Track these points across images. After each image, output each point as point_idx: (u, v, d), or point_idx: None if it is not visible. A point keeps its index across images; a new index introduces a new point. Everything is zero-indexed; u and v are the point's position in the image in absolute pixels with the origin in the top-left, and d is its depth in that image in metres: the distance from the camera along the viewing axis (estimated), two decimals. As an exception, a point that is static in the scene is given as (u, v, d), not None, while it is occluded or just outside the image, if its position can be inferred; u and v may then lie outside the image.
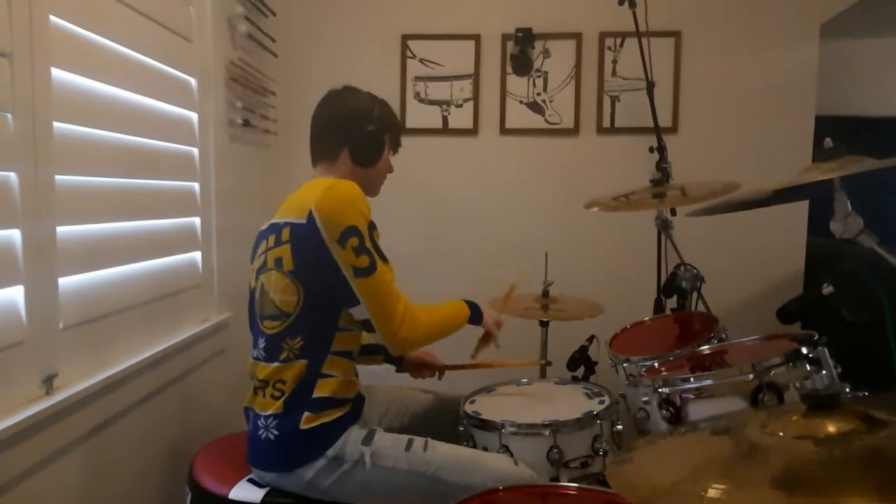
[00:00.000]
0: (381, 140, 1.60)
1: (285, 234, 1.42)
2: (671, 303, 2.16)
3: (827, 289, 1.40)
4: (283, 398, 1.41)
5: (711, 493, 0.72)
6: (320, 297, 1.41)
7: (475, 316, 1.67)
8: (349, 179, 1.51)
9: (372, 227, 1.43)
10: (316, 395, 1.41)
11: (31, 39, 1.19)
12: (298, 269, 1.40)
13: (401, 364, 1.85)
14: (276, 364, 1.42)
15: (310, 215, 1.38)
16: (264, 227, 1.51)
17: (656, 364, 1.60)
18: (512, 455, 1.50)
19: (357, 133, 1.56)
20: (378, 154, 1.60)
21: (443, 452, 1.44)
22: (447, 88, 2.72)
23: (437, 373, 1.84)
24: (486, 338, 1.77)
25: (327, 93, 1.62)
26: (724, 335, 1.67)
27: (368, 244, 1.40)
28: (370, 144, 1.58)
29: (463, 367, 1.83)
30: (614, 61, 2.67)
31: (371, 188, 1.65)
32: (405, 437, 1.46)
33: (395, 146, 1.69)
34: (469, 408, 1.64)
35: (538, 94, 2.70)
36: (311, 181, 1.51)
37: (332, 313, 1.43)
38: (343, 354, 1.46)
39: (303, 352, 1.41)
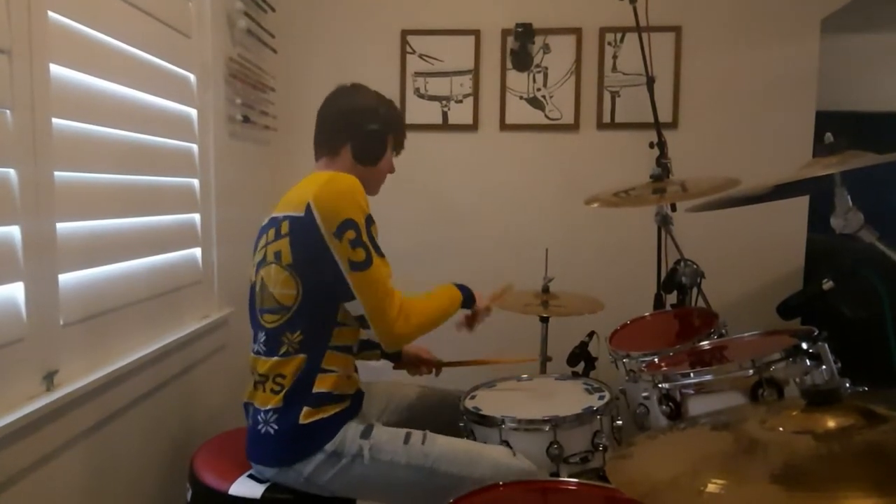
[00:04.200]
0: (383, 140, 1.60)
1: (284, 227, 1.42)
2: (671, 298, 2.16)
3: (827, 284, 1.40)
4: (283, 392, 1.41)
5: (711, 488, 0.72)
6: (319, 291, 1.41)
7: (467, 301, 1.67)
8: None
9: (370, 221, 1.43)
10: (316, 390, 1.42)
11: (29, 35, 1.19)
12: (297, 262, 1.40)
13: (398, 361, 1.85)
14: (275, 358, 1.42)
15: (308, 208, 1.38)
16: (265, 221, 1.51)
17: (656, 359, 1.60)
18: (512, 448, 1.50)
19: (360, 130, 1.56)
20: (380, 153, 1.60)
21: (441, 445, 1.45)
22: (447, 84, 2.71)
23: (434, 370, 1.84)
24: (472, 319, 1.74)
25: (336, 88, 1.62)
26: (724, 331, 1.68)
27: (365, 238, 1.39)
28: (372, 143, 1.58)
29: (460, 363, 1.83)
30: (614, 56, 2.66)
31: (371, 187, 1.65)
32: (403, 431, 1.46)
33: (399, 147, 1.69)
34: (469, 403, 1.64)
35: (538, 90, 2.70)
36: (310, 175, 1.51)
37: (331, 308, 1.43)
38: (342, 349, 1.46)
39: (302, 346, 1.42)
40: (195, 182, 1.92)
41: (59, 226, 1.29)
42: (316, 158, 1.62)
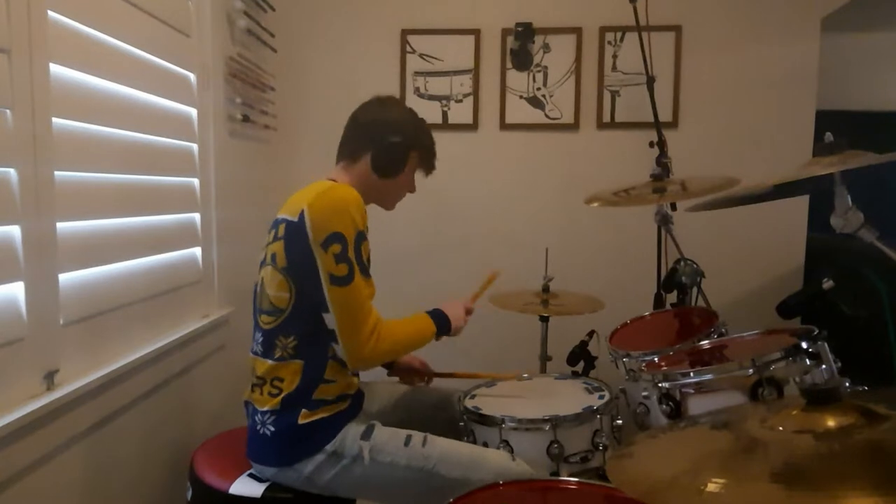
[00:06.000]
0: (404, 155, 1.58)
1: (281, 230, 1.42)
2: (671, 298, 2.16)
3: (827, 283, 1.40)
4: (281, 396, 1.41)
5: (711, 487, 0.72)
6: (309, 297, 1.40)
7: (442, 330, 1.61)
8: (363, 185, 1.53)
9: (361, 237, 1.41)
10: (316, 397, 1.42)
11: (29, 35, 1.19)
12: (290, 266, 1.40)
13: (391, 368, 1.84)
14: (272, 362, 1.43)
15: (301, 214, 1.38)
16: (272, 220, 1.51)
17: (656, 359, 1.60)
18: (512, 450, 1.50)
19: (383, 141, 1.55)
20: (398, 168, 1.59)
21: (442, 448, 1.44)
22: (447, 83, 2.71)
23: (425, 379, 1.83)
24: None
25: (373, 97, 1.62)
26: (723, 330, 1.67)
27: (351, 254, 1.38)
28: (392, 156, 1.57)
29: (452, 375, 1.81)
30: (614, 56, 2.66)
31: (385, 201, 1.65)
32: (404, 432, 1.46)
33: (427, 167, 1.67)
34: (469, 403, 1.64)
35: (538, 89, 2.70)
36: (316, 181, 1.51)
37: (322, 316, 1.40)
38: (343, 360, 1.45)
39: (298, 351, 1.41)
40: (195, 181, 1.92)
41: (60, 225, 1.29)
42: (336, 161, 1.62)
